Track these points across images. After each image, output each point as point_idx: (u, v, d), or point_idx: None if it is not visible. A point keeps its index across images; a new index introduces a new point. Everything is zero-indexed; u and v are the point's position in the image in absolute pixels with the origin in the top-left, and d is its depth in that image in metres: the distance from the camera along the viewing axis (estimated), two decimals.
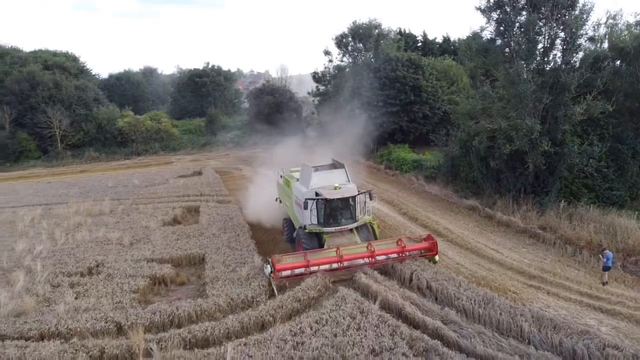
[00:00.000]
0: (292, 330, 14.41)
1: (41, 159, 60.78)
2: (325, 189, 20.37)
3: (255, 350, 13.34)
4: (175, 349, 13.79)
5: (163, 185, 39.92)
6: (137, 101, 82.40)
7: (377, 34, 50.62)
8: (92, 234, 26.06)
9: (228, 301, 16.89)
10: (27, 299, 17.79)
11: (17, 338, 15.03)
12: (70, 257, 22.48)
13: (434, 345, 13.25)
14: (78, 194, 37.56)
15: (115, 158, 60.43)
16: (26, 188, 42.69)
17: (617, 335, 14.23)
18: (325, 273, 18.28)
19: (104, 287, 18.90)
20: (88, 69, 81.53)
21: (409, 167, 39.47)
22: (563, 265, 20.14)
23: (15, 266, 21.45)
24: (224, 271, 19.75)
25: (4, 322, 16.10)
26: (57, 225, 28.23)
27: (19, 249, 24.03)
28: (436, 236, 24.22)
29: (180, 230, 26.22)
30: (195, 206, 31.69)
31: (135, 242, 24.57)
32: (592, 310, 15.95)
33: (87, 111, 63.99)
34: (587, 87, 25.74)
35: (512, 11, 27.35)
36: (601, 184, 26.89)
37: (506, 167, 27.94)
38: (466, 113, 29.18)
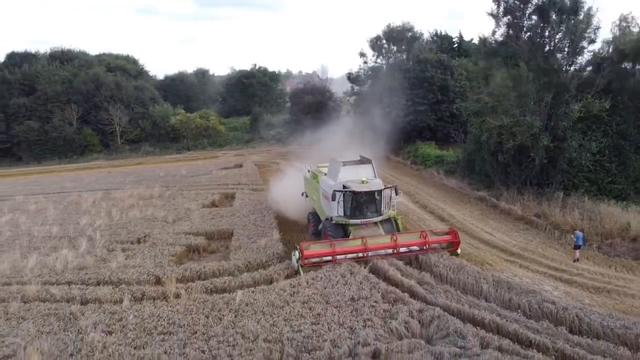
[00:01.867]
0: (292, 284, 17.77)
1: (103, 152, 67.09)
2: (353, 182, 21.32)
3: (260, 296, 16.78)
4: (198, 293, 17.48)
5: (207, 175, 44.30)
6: (190, 100, 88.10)
7: (409, 37, 53.07)
8: (142, 213, 30.42)
9: (246, 263, 20.47)
10: (88, 258, 22.06)
11: (80, 283, 19.19)
12: (123, 230, 26.82)
13: (402, 297, 16.23)
14: (133, 181, 42.50)
15: (167, 152, 65.87)
16: (89, 177, 48.34)
17: (565, 297, 16.61)
18: (350, 261, 19.21)
19: (148, 252, 22.89)
20: (146, 71, 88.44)
21: (432, 163, 41.89)
22: (546, 246, 22.39)
23: (79, 235, 25.93)
24: (246, 242, 23.39)
25: (70, 272, 20.36)
26: (114, 205, 32.88)
27: (82, 222, 28.68)
28: (439, 221, 27.04)
29: (216, 212, 30.15)
30: (232, 193, 35.64)
31: (177, 219, 28.66)
32: (553, 280, 18.31)
33: (144, 109, 69.90)
34: (590, 86, 27.58)
35: (521, 16, 29.56)
36: (603, 178, 28.58)
37: (513, 161, 30.05)
38: (476, 111, 31.47)
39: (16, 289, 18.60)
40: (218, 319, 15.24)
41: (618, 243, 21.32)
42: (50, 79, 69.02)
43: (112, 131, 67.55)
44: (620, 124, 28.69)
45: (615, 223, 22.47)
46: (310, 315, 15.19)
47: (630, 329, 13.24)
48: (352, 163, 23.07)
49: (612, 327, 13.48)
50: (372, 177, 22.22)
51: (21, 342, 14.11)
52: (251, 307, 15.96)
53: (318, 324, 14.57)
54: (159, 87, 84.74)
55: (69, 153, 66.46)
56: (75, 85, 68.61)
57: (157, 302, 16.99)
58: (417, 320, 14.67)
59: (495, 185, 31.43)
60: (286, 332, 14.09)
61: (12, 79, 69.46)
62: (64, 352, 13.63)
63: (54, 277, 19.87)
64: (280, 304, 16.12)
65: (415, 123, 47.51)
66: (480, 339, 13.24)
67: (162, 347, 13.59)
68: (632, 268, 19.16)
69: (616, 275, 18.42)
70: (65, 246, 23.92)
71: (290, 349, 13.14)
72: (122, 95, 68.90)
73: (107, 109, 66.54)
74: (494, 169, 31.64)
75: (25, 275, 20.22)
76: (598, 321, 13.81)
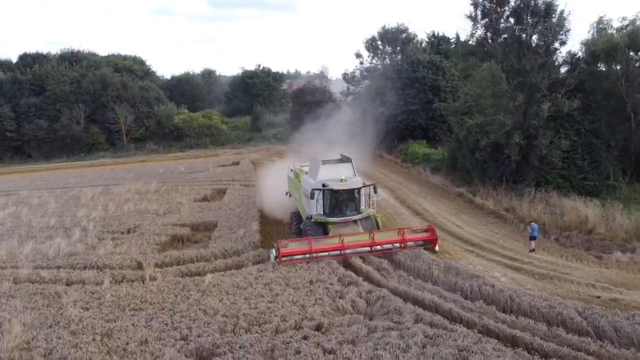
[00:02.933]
0: (259, 269, 19.29)
1: (109, 150, 69.18)
2: (332, 181, 21.56)
3: (228, 278, 18.30)
4: (172, 276, 19.04)
5: (204, 172, 45.99)
6: (195, 100, 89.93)
7: (404, 38, 54.27)
8: (136, 206, 32.14)
9: (222, 251, 22.00)
10: (79, 246, 23.77)
11: (68, 267, 20.84)
12: (115, 221, 28.53)
13: (357, 280, 17.63)
14: (133, 178, 44.31)
15: (171, 150, 67.77)
16: (93, 173, 50.33)
17: (511, 282, 17.84)
18: (327, 259, 19.59)
19: (135, 241, 24.51)
20: (153, 71, 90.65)
21: (420, 161, 43.09)
22: (508, 238, 23.58)
23: (75, 226, 27.67)
24: (227, 232, 24.95)
25: (61, 258, 22.08)
26: (111, 199, 34.65)
27: (79, 214, 30.47)
28: (413, 215, 28.32)
29: (206, 205, 31.77)
30: (224, 188, 37.23)
31: (168, 212, 30.30)
32: (504, 267, 19.54)
33: (149, 109, 71.88)
34: (561, 86, 28.66)
35: (497, 19, 30.71)
36: (576, 175, 29.64)
37: (490, 159, 31.20)
38: (454, 110, 32.66)
39: (10, 272, 20.33)
40: (186, 298, 16.78)
41: (575, 235, 22.46)
42: (60, 79, 71.36)
43: (118, 130, 69.64)
44: (593, 122, 29.71)
45: (577, 217, 23.59)
46: (269, 295, 16.65)
47: (554, 308, 14.48)
48: (332, 162, 23.31)
49: (538, 306, 14.73)
50: (351, 175, 22.49)
51: (7, 316, 15.73)
52: (217, 288, 17.48)
53: (274, 302, 16.03)
54: (165, 87, 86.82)
55: (76, 151, 68.63)
56: (83, 86, 70.84)
57: (135, 283, 18.58)
58: (364, 300, 16.06)
59: (474, 181, 32.60)
60: (243, 308, 15.56)
61: (23, 79, 71.92)
62: (44, 324, 15.23)
63: (45, 262, 21.59)
64: (244, 285, 17.62)
65: (407, 122, 48.71)
66: (416, 315, 14.59)
67: (131, 321, 15.13)
68: (581, 257, 20.30)
69: (564, 264, 19.58)
70: (59, 235, 25.66)
71: (244, 322, 14.59)
72: (127, 95, 70.92)
73: (114, 108, 68.60)
74: (473, 166, 32.81)
75: (20, 260, 21.97)
76: (527, 301, 15.07)
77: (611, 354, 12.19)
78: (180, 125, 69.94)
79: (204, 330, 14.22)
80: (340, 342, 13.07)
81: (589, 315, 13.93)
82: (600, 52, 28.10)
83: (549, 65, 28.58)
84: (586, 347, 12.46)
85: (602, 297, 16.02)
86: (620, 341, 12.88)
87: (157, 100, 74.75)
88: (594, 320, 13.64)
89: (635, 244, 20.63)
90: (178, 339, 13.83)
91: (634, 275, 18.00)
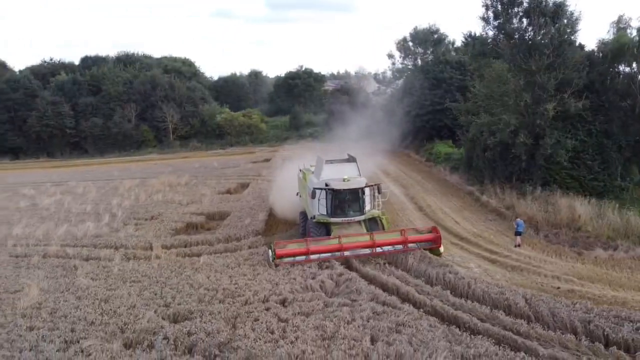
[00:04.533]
0: (252, 253, 21.23)
1: (157, 147, 73.67)
2: (335, 180, 21.19)
3: (220, 259, 20.38)
4: (174, 256, 21.34)
5: (235, 168, 48.68)
6: (240, 100, 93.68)
7: (435, 38, 54.76)
8: (164, 197, 35.01)
9: (225, 236, 24.15)
10: (104, 229, 26.68)
11: (90, 246, 23.62)
12: (142, 209, 31.39)
13: (333, 264, 19.12)
14: (170, 171, 47.57)
15: (212, 148, 71.28)
16: (137, 167, 54.29)
17: (482, 272, 18.74)
18: (325, 260, 19.20)
19: (154, 226, 27.14)
20: (201, 73, 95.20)
21: (442, 160, 43.69)
22: (500, 234, 24.28)
23: (106, 212, 30.71)
24: (235, 221, 27.10)
25: (87, 238, 24.97)
26: (145, 190, 37.77)
27: (113, 202, 33.64)
28: (414, 209, 29.40)
29: (226, 197, 34.18)
30: (248, 182, 39.57)
31: (190, 203, 32.89)
32: (481, 259, 20.40)
33: (194, 108, 75.94)
34: (569, 86, 28.78)
35: (509, 20, 31.13)
36: (585, 175, 29.60)
37: (500, 158, 31.67)
38: (465, 110, 33.26)
39: (42, 248, 23.38)
40: (179, 274, 18.95)
41: (564, 232, 22.90)
42: (114, 80, 76.72)
43: (165, 128, 74.05)
44: (605, 122, 29.56)
45: (570, 215, 23.94)
46: (251, 274, 18.53)
47: (504, 295, 15.42)
48: (336, 161, 22.93)
49: (490, 292, 15.72)
50: (356, 175, 21.95)
51: (29, 282, 18.48)
52: (209, 267, 19.57)
53: (253, 280, 17.87)
54: (212, 87, 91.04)
55: (127, 147, 73.55)
56: (135, 86, 75.79)
57: (141, 261, 21.01)
58: (334, 281, 17.57)
59: (484, 180, 33.09)
60: (225, 284, 17.50)
61: (82, 80, 77.97)
62: (57, 290, 17.81)
63: (73, 242, 24.54)
64: (233, 265, 19.63)
65: (434, 122, 49.29)
66: (373, 295, 15.97)
67: (128, 290, 17.42)
68: (562, 253, 20.82)
69: (541, 258, 20.20)
70: (91, 220, 28.76)
71: (221, 295, 16.51)
72: (175, 95, 75.24)
73: (162, 107, 73.03)
74: (484, 165, 33.31)
75: (52, 239, 25.04)
76: (482, 288, 16.08)
77: (538, 334, 13.11)
78: (222, 123, 73.37)
79: (185, 300, 16.26)
80: (295, 314, 14.69)
81: (534, 301, 14.80)
82: (609, 52, 27.98)
83: (557, 65, 28.74)
84: (516, 328, 13.43)
85: (561, 287, 16.73)
86: (555, 325, 13.71)
87: (202, 100, 78.71)
88: (535, 305, 14.51)
89: (618, 242, 20.89)
90: (161, 305, 15.93)
91: (604, 271, 18.47)
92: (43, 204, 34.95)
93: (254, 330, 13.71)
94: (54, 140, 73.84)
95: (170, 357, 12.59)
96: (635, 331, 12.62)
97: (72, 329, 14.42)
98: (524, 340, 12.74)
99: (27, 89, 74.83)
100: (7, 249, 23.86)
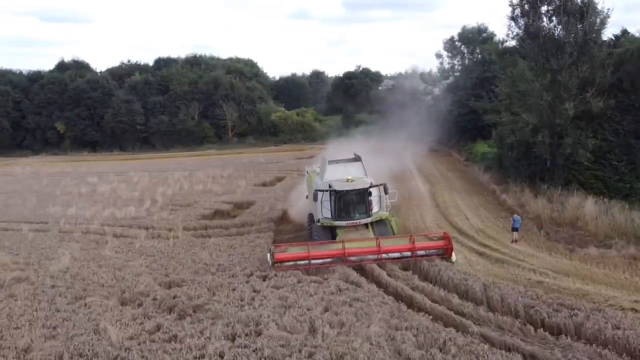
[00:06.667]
0: (258, 236, 23.37)
1: (216, 143, 78.17)
2: (338, 181, 20.14)
3: (226, 240, 22.73)
4: (191, 237, 23.90)
5: (278, 163, 51.31)
6: (300, 100, 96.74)
7: (483, 37, 54.26)
8: (204, 187, 38.13)
9: (242, 222, 26.49)
10: (142, 212, 29.98)
11: (125, 226, 26.86)
12: (181, 197, 34.59)
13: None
14: (218, 165, 51.01)
15: (266, 145, 74.60)
16: (191, 161, 58.46)
17: (464, 263, 19.44)
18: (327, 267, 18.19)
19: (186, 212, 30.05)
20: (263, 73, 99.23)
21: (479, 159, 43.62)
22: (505, 231, 24.51)
23: (149, 198, 34.13)
24: (256, 209, 29.39)
25: (125, 220, 28.29)
26: (189, 181, 41.16)
27: (158, 191, 37.11)
28: (432, 205, 30.18)
29: (259, 189, 36.71)
30: (284, 177, 41.86)
31: (225, 193, 35.68)
32: (470, 252, 21.03)
33: (252, 107, 79.80)
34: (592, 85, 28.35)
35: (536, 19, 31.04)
36: (611, 176, 28.97)
37: (524, 157, 31.63)
38: (491, 108, 33.38)
39: (85, 227, 26.95)
40: (187, 251, 21.46)
41: (565, 230, 22.98)
42: (181, 80, 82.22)
43: (225, 125, 78.43)
44: (632, 123, 28.77)
45: (575, 213, 23.90)
46: (248, 253, 20.69)
47: (466, 281, 16.29)
48: (340, 161, 21.95)
49: (454, 278, 16.64)
50: (361, 175, 20.83)
51: (65, 252, 21.73)
52: (216, 246, 21.96)
53: (248, 257, 19.94)
54: (273, 87, 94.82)
55: (190, 143, 78.64)
56: (199, 86, 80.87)
57: (162, 240, 23.79)
58: None
59: (509, 178, 33.08)
60: (222, 260, 19.72)
61: (153, 80, 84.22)
62: (85, 259, 20.92)
63: (112, 222, 27.96)
64: (236, 246, 21.87)
65: (476, 122, 49.01)
66: (344, 275, 17.43)
67: (139, 262, 20.13)
68: (553, 249, 21.01)
69: (529, 253, 20.55)
70: (134, 205, 32.24)
71: (214, 269, 18.74)
72: (234, 94, 79.46)
73: (222, 106, 77.46)
74: (510, 164, 33.32)
75: (97, 219, 28.56)
76: (448, 275, 17.02)
77: (480, 315, 14.04)
78: (277, 122, 76.55)
79: (183, 271, 18.69)
80: (269, 286, 16.52)
81: (490, 288, 15.62)
82: (634, 51, 27.27)
83: (581, 64, 28.37)
84: (462, 309, 14.44)
85: (531, 279, 17.26)
86: (502, 309, 14.53)
87: (260, 99, 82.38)
88: (489, 291, 15.35)
89: (614, 241, 20.80)
90: (162, 274, 18.43)
91: (586, 267, 18.59)
92: (101, 190, 39.19)
93: (227, 297, 15.72)
94: (126, 136, 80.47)
95: (153, 313, 14.92)
96: (570, 317, 13.22)
97: (85, 288, 17.24)
98: (461, 319, 13.78)
99: (104, 89, 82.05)
100: (58, 225, 27.62)
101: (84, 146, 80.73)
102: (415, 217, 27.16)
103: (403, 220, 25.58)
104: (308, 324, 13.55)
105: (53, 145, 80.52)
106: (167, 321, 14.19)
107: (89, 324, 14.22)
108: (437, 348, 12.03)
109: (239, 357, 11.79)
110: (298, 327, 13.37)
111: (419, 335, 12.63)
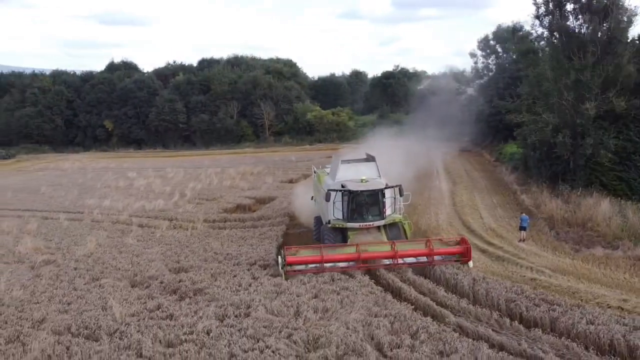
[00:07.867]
0: (271, 229, 24.34)
1: (254, 142, 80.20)
2: (351, 181, 19.46)
3: (239, 232, 23.91)
4: (208, 228, 25.24)
5: (308, 161, 52.14)
6: (338, 99, 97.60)
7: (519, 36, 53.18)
8: (232, 183, 39.64)
9: (259, 216, 27.63)
10: (170, 205, 31.65)
11: (152, 217, 28.54)
12: (208, 192, 36.17)
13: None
14: (250, 163, 52.63)
15: (302, 144, 75.86)
16: (225, 158, 60.44)
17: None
18: (339, 270, 17.57)
19: (210, 206, 31.53)
20: (301, 72, 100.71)
21: (507, 159, 43.13)
22: (515, 230, 24.48)
23: (179, 192, 35.91)
24: (276, 204, 30.49)
25: (153, 212, 30.04)
26: (219, 177, 42.83)
27: (189, 186, 38.91)
28: (449, 204, 30.37)
29: (283, 185, 37.85)
30: (309, 174, 42.73)
31: (251, 188, 37.03)
32: (474, 249, 20.91)
33: (289, 106, 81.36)
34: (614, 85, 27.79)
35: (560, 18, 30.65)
36: (636, 177, 28.29)
37: (546, 157, 31.25)
38: (512, 108, 33.09)
39: (115, 217, 28.84)
40: (201, 240, 22.75)
41: (575, 231, 22.75)
42: (221, 80, 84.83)
43: (262, 124, 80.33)
44: None
45: (588, 214, 23.61)
46: (256, 244, 21.70)
47: (456, 276, 16.71)
48: (353, 161, 21.56)
49: (445, 273, 17.10)
50: (375, 176, 20.13)
51: (92, 239, 23.51)
52: (228, 237, 23.18)
53: (255, 248, 21.00)
54: (311, 87, 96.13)
55: (228, 141, 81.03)
56: (238, 86, 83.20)
57: (181, 230, 25.25)
58: None
59: (532, 179, 32.74)
60: (231, 250, 20.88)
61: (195, 80, 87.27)
62: (108, 246, 22.61)
63: (141, 213, 29.76)
64: (248, 237, 22.98)
65: (506, 122, 48.30)
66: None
67: (156, 249, 21.59)
68: (558, 249, 20.89)
69: (533, 252, 20.52)
70: (163, 198, 34.04)
71: (221, 257, 19.91)
72: (272, 94, 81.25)
73: (260, 105, 79.42)
74: (533, 164, 32.96)
75: (127, 211, 30.48)
76: (441, 269, 17.47)
77: (461, 307, 14.50)
78: (312, 121, 77.73)
79: (193, 259, 19.95)
80: (268, 275, 17.52)
81: (478, 283, 16.00)
82: None
83: (605, 62, 27.84)
84: (445, 301, 14.94)
85: (526, 276, 17.46)
86: (486, 302, 14.92)
87: (297, 98, 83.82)
88: (475, 286, 15.73)
89: (621, 242, 20.50)
90: (173, 261, 19.77)
91: (586, 266, 18.49)
92: (137, 184, 41.44)
93: (227, 282, 16.83)
94: (168, 134, 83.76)
95: (157, 294, 16.22)
96: (547, 312, 13.50)
97: (102, 271, 18.80)
98: (442, 310, 14.30)
99: (149, 88, 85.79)
100: (92, 215, 29.68)
101: (130, 143, 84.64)
102: (430, 216, 27.45)
103: (417, 219, 25.84)
104: (294, 308, 14.45)
105: (102, 142, 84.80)
106: (167, 301, 15.43)
107: (99, 301, 15.67)
108: (409, 334, 12.66)
109: (223, 335, 12.82)
110: (284, 311, 14.30)
111: (395, 323, 13.29)
